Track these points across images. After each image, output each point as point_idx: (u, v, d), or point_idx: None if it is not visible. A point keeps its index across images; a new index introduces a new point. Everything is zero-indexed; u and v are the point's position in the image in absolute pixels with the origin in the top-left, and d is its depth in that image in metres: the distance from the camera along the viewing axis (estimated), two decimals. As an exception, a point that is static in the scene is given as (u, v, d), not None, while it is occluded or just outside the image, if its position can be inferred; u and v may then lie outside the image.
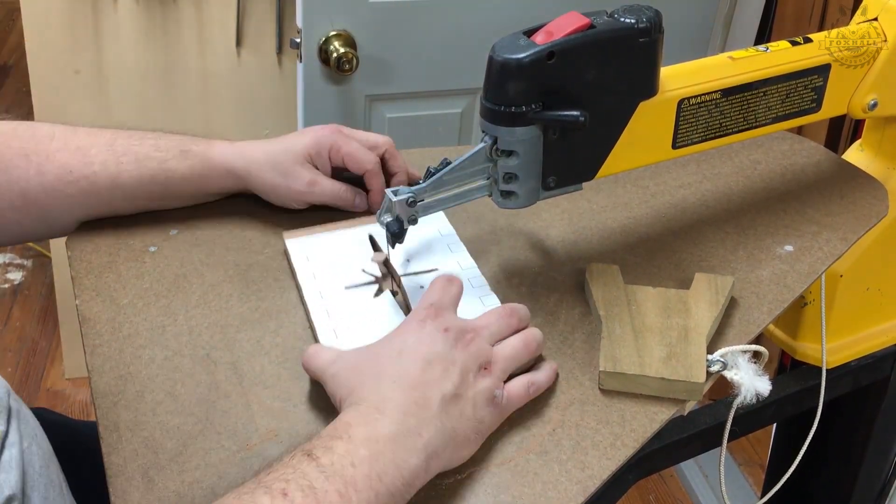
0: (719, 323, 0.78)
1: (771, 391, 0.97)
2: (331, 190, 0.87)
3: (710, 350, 0.74)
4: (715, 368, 0.72)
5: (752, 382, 0.72)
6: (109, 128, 0.87)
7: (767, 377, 0.72)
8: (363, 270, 0.82)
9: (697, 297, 0.78)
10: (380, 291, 0.80)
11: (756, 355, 0.75)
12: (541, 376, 0.71)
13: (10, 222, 0.84)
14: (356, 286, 0.80)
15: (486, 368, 0.67)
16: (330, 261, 0.83)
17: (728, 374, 0.72)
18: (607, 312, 0.77)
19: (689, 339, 0.74)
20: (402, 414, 0.62)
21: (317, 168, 0.87)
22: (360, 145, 0.88)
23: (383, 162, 0.90)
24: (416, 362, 0.65)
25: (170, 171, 0.85)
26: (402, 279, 0.80)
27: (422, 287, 0.80)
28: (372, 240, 0.84)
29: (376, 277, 0.81)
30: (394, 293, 0.79)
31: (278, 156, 0.86)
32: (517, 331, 0.72)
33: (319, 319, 0.77)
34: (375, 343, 0.69)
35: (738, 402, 0.72)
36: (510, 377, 0.70)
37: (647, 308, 0.77)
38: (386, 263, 0.81)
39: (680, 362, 0.71)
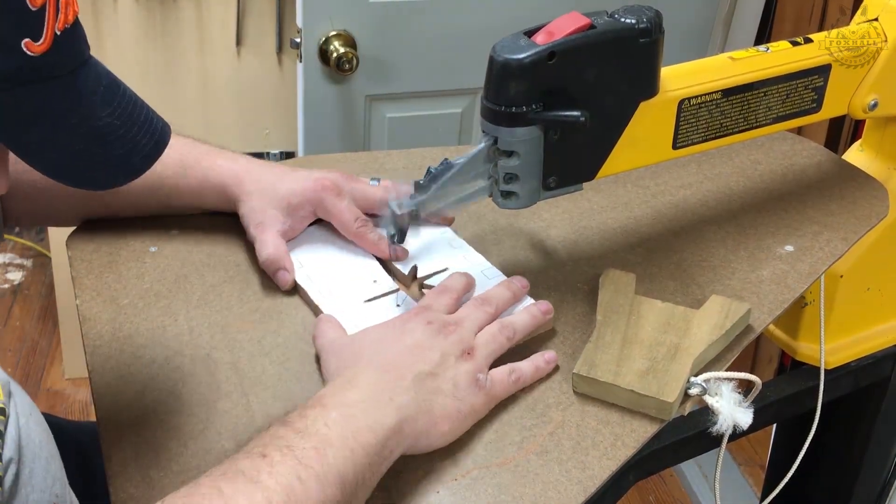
0: (723, 348, 0.75)
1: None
2: (268, 249, 0.82)
3: (703, 373, 0.72)
4: (694, 391, 0.70)
5: (731, 412, 0.70)
6: None
7: (752, 409, 0.70)
8: (374, 281, 0.81)
9: (703, 319, 0.75)
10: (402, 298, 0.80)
11: (749, 383, 0.73)
12: (524, 365, 0.73)
13: (23, 203, 0.84)
14: (376, 298, 0.80)
15: (468, 354, 0.70)
16: (332, 275, 0.82)
17: (709, 399, 0.70)
18: (605, 318, 0.76)
19: (676, 357, 0.72)
20: (372, 386, 0.65)
21: (290, 218, 0.85)
22: (350, 205, 0.85)
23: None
24: (395, 347, 0.69)
25: (168, 187, 0.85)
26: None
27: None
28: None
29: (397, 287, 0.81)
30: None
31: (266, 187, 0.84)
32: (495, 317, 0.75)
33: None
34: (363, 331, 0.72)
35: (714, 430, 0.70)
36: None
37: (646, 321, 0.76)
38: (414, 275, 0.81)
39: (656, 379, 0.70)
